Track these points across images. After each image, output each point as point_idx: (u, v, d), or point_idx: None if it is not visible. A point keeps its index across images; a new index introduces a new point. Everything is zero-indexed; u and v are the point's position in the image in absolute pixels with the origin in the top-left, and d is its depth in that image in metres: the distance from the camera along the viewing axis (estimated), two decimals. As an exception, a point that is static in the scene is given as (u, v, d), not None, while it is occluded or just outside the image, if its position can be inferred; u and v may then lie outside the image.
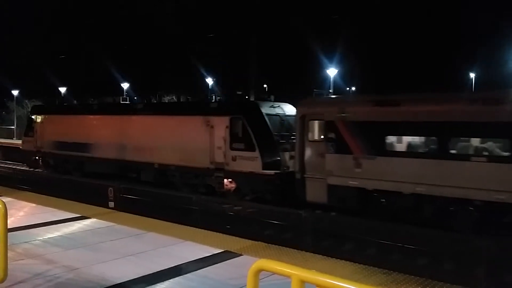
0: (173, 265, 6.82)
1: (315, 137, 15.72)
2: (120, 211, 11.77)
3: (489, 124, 12.23)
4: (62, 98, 47.14)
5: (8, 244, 5.88)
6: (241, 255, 7.45)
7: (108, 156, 22.62)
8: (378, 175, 13.97)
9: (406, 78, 47.32)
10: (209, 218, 14.81)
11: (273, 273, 3.68)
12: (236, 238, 8.80)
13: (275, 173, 16.56)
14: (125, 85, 51.50)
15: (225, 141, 17.88)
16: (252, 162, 16.96)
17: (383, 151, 14.05)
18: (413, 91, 22.43)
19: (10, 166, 31.22)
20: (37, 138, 27.47)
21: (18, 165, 31.11)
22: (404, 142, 14.31)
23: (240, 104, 19.77)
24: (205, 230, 9.41)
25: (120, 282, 6.10)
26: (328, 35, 43.14)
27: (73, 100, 43.81)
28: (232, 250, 7.69)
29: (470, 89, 44.63)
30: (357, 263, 7.29)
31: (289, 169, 16.65)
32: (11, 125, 50.92)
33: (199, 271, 6.60)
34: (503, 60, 44.40)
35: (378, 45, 51.46)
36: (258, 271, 3.67)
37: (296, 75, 49.62)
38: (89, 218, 10.09)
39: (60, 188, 17.98)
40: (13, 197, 12.27)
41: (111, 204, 15.92)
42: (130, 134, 21.92)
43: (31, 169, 28.11)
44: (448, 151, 13.03)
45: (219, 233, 9.06)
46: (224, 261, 7.11)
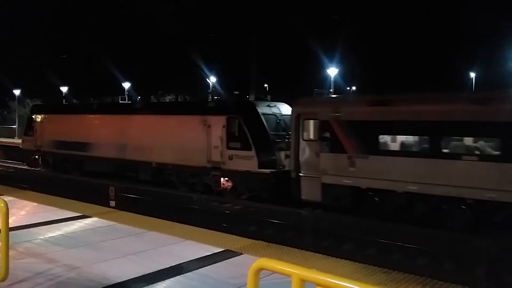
0: (174, 264, 6.84)
1: (310, 137, 15.86)
2: (121, 210, 11.78)
3: (480, 123, 12.41)
4: (64, 98, 47.22)
5: (10, 243, 5.91)
6: (241, 254, 7.47)
7: (106, 155, 22.71)
8: (371, 174, 14.13)
9: (406, 78, 47.31)
10: (209, 217, 14.84)
11: (274, 272, 3.69)
12: (236, 237, 8.82)
13: (270, 172, 16.72)
14: (126, 85, 51.51)
15: (221, 140, 18.02)
16: (248, 161, 17.11)
17: (376, 150, 14.22)
18: (413, 91, 22.48)
19: (11, 165, 31.27)
20: (36, 137, 27.56)
21: (20, 164, 31.17)
22: (397, 141, 14.46)
23: (236, 103, 19.88)
24: (206, 229, 9.45)
25: (121, 281, 6.12)
26: (328, 35, 43.09)
27: (74, 100, 43.88)
28: (232, 249, 7.71)
29: (470, 89, 44.67)
30: (357, 262, 7.31)
31: (285, 168, 16.81)
32: (13, 125, 50.98)
33: (199, 270, 6.63)
34: (504, 60, 44.37)
35: (378, 45, 51.39)
36: (259, 270, 3.69)
37: (297, 74, 49.56)
38: (90, 217, 10.12)
39: (61, 187, 17.97)
40: (15, 196, 12.30)
41: (112, 203, 15.95)
42: (128, 134, 22.02)
43: (31, 168, 28.20)
44: (440, 150, 13.18)
45: (219, 232, 9.08)
46: (224, 260, 7.13)
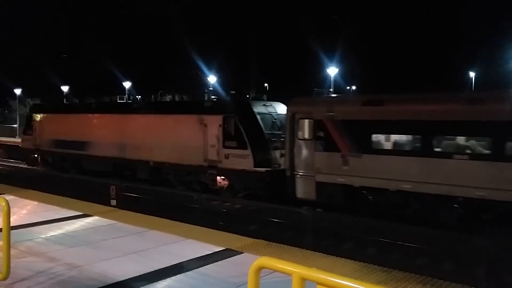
0: (175, 263, 6.86)
1: (304, 136, 15.97)
2: (122, 209, 11.80)
3: (471, 123, 12.55)
4: (65, 97, 47.20)
5: (11, 241, 5.94)
6: (242, 253, 7.49)
7: (105, 154, 22.84)
8: (364, 173, 14.26)
9: (406, 78, 47.31)
10: (210, 216, 14.86)
11: (274, 271, 3.71)
12: (237, 236, 8.84)
13: (266, 170, 16.85)
14: (127, 84, 51.51)
15: (218, 139, 18.16)
16: (244, 160, 17.23)
17: (369, 149, 14.34)
18: (412, 90, 22.58)
19: (12, 164, 31.29)
20: (35, 136, 27.67)
21: (21, 163, 31.19)
22: (390, 141, 14.58)
23: (233, 103, 20.01)
24: (206, 228, 9.47)
25: (121, 279, 6.14)
26: (328, 35, 43.12)
27: (75, 99, 43.87)
28: (233, 248, 7.73)
29: (470, 88, 44.62)
30: (357, 261, 7.33)
31: (280, 167, 16.94)
32: (14, 124, 51.02)
33: (200, 269, 6.64)
34: (503, 59, 44.38)
35: (378, 45, 51.42)
36: (259, 269, 3.70)
37: (297, 74, 49.60)
38: (91, 216, 10.14)
39: (62, 186, 17.98)
40: (16, 195, 12.32)
41: (113, 202, 15.97)
42: (126, 133, 22.13)
43: (31, 167, 28.27)
44: (432, 149, 13.29)
45: (220, 231, 9.10)
46: (225, 259, 7.15)
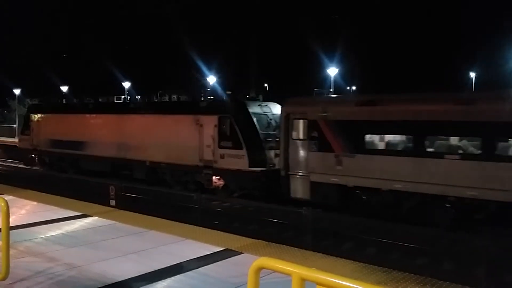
0: (174, 263, 6.85)
1: (299, 136, 16.06)
2: (121, 209, 11.79)
3: (462, 123, 12.66)
4: (64, 97, 47.17)
5: (10, 242, 5.92)
6: (241, 253, 7.48)
7: (102, 154, 22.95)
8: (357, 173, 14.36)
9: (407, 78, 47.35)
10: (209, 217, 14.85)
11: (274, 271, 3.70)
12: (236, 236, 8.83)
13: (261, 170, 16.98)
14: (127, 84, 51.50)
15: (213, 139, 18.26)
16: (239, 160, 17.34)
17: (362, 149, 14.45)
18: (412, 90, 22.65)
19: (12, 164, 31.28)
20: (33, 136, 27.75)
21: (20, 163, 31.18)
22: (382, 141, 14.71)
23: (228, 103, 20.14)
24: (206, 228, 9.47)
25: (121, 280, 6.13)
26: (328, 35, 43.15)
27: (74, 99, 43.87)
28: (232, 248, 7.72)
29: (470, 88, 44.63)
30: (357, 262, 7.32)
31: (275, 167, 17.05)
32: (13, 124, 50.99)
33: (200, 269, 6.63)
34: (504, 59, 44.37)
35: (378, 45, 51.46)
36: (259, 269, 3.69)
37: (297, 74, 49.64)
38: (91, 216, 10.13)
39: (62, 187, 17.98)
40: (15, 195, 12.31)
41: (113, 202, 15.97)
42: (123, 133, 22.24)
43: (29, 167, 28.33)
44: (424, 149, 13.39)
45: (219, 231, 9.09)
46: (224, 259, 7.14)
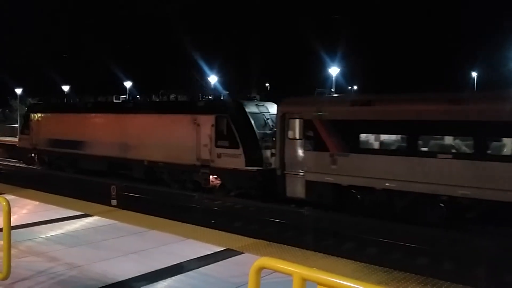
0: (175, 263, 6.84)
1: (294, 135, 16.15)
2: (123, 209, 11.78)
3: (455, 122, 12.75)
4: (66, 97, 47.22)
5: (11, 241, 5.92)
6: (242, 253, 7.47)
7: (100, 154, 23.05)
8: (352, 172, 14.45)
9: (408, 78, 47.29)
10: (210, 216, 14.87)
11: (275, 271, 3.70)
12: (237, 236, 8.82)
13: (257, 169, 17.09)
14: (128, 84, 51.52)
15: (210, 139, 18.37)
16: (236, 159, 17.44)
17: (357, 148, 14.55)
18: (413, 90, 22.71)
19: (13, 164, 31.31)
20: (32, 135, 27.86)
21: (21, 162, 31.22)
22: (376, 140, 14.80)
23: (225, 103, 20.24)
24: (207, 228, 9.44)
25: (122, 279, 6.13)
26: (330, 35, 43.12)
27: (76, 99, 43.94)
28: (233, 248, 7.70)
29: (472, 88, 44.58)
30: (358, 262, 7.31)
31: (271, 166, 17.13)
32: (15, 123, 51.04)
33: (200, 269, 6.63)
34: (506, 59, 44.30)
35: (379, 45, 51.41)
36: (260, 269, 3.69)
37: (298, 74, 49.60)
38: (92, 216, 10.12)
39: (63, 186, 18.01)
40: (16, 195, 12.30)
41: (114, 202, 16.00)
42: (121, 132, 22.32)
43: (30, 166, 28.43)
44: (416, 148, 13.48)
45: (220, 231, 9.07)
46: (225, 259, 7.13)
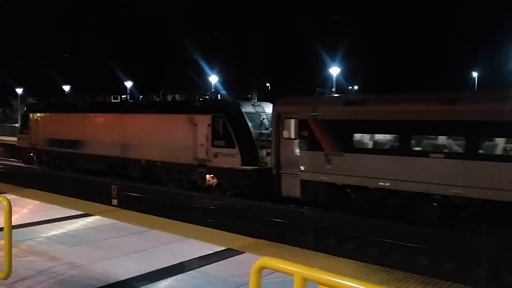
0: (176, 263, 6.84)
1: (289, 135, 16.25)
2: (123, 208, 11.78)
3: (447, 122, 12.85)
4: (66, 96, 47.27)
5: (12, 241, 5.92)
6: (243, 252, 7.47)
7: (98, 153, 23.17)
8: (346, 171, 14.58)
9: (409, 77, 47.28)
10: (211, 216, 14.89)
11: (276, 271, 3.70)
12: (238, 235, 8.81)
13: (253, 169, 17.20)
14: (129, 84, 51.56)
15: (207, 138, 18.48)
16: (232, 159, 17.56)
17: (351, 148, 14.67)
18: (413, 90, 22.76)
19: (14, 163, 31.34)
20: (31, 135, 27.98)
21: (21, 162, 31.26)
22: (370, 140, 14.91)
23: (221, 103, 20.35)
24: (207, 228, 9.45)
25: (123, 279, 6.13)
26: (330, 34, 43.09)
27: (77, 99, 44.00)
28: (234, 248, 7.70)
29: (472, 88, 44.55)
30: (358, 261, 7.31)
31: (267, 165, 17.24)
32: (16, 123, 51.11)
33: (201, 268, 6.63)
34: (507, 59, 44.26)
35: (380, 45, 51.40)
36: (261, 269, 3.69)
37: (299, 74, 49.59)
38: (93, 215, 10.13)
39: (64, 186, 18.03)
40: (17, 195, 12.31)
41: (114, 201, 16.03)
42: (119, 132, 22.44)
43: (30, 166, 28.54)
44: (409, 148, 13.59)
45: (221, 231, 9.06)
46: (226, 258, 7.13)
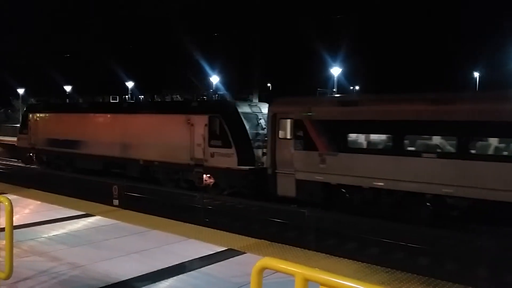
0: (177, 263, 6.85)
1: (285, 135, 16.36)
2: (124, 209, 11.78)
3: (439, 122, 12.92)
4: (68, 97, 47.29)
5: (14, 241, 5.92)
6: (244, 253, 7.47)
7: (97, 153, 23.25)
8: (340, 171, 14.67)
9: (410, 77, 47.26)
10: (212, 216, 14.88)
11: (277, 271, 3.69)
12: (239, 236, 8.81)
13: (249, 168, 17.29)
14: (130, 84, 51.57)
15: (204, 138, 18.58)
16: (228, 159, 17.65)
17: (345, 148, 14.76)
18: (414, 90, 22.79)
19: (15, 164, 31.37)
20: (31, 135, 28.10)
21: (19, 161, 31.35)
22: (364, 140, 14.99)
23: (218, 103, 20.43)
24: (209, 228, 9.45)
25: (124, 279, 6.13)
26: (332, 35, 43.09)
27: (78, 99, 44.04)
28: (235, 248, 7.70)
29: (474, 88, 44.50)
30: (360, 262, 7.31)
31: (263, 165, 17.32)
32: (17, 123, 51.16)
33: (202, 268, 6.63)
34: (507, 59, 44.18)
35: (382, 45, 51.39)
36: (262, 269, 3.68)
37: (300, 74, 49.61)
38: (94, 215, 10.14)
39: (65, 186, 18.04)
40: (19, 195, 12.33)
41: (116, 202, 16.03)
42: (117, 132, 22.53)
43: (31, 166, 28.62)
44: (402, 148, 13.65)
45: (222, 231, 9.06)
46: (227, 259, 7.13)
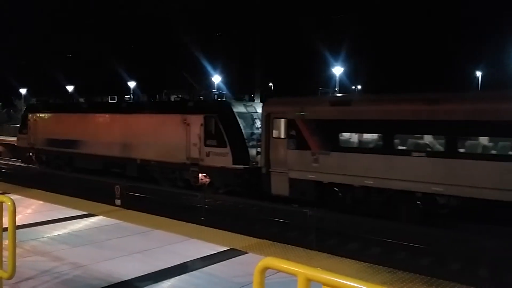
0: (179, 263, 6.85)
1: (278, 134, 16.48)
2: (127, 208, 11.80)
3: (429, 122, 13.03)
4: (70, 97, 47.35)
5: (16, 241, 5.93)
6: (246, 253, 7.47)
7: (95, 153, 23.42)
8: (332, 169, 14.83)
9: (412, 77, 47.22)
10: (214, 216, 14.90)
11: (279, 271, 3.69)
12: (241, 236, 8.82)
13: (244, 167, 17.43)
14: (132, 84, 51.62)
15: (199, 138, 18.74)
16: (223, 158, 17.81)
17: (337, 147, 14.91)
18: (414, 90, 22.84)
19: (17, 164, 31.45)
20: (30, 135, 28.26)
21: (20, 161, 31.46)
22: (355, 139, 15.13)
23: (213, 103, 20.52)
24: (211, 228, 9.46)
25: (126, 279, 6.14)
26: (334, 34, 43.10)
27: (80, 99, 44.09)
28: (237, 248, 7.71)
29: (476, 88, 44.42)
30: (362, 262, 7.31)
31: (258, 164, 17.44)
32: (19, 123, 51.21)
33: (204, 268, 6.63)
34: (508, 59, 44.08)
35: (383, 44, 51.37)
36: (264, 269, 3.67)
37: (302, 74, 49.62)
38: (96, 215, 10.15)
39: (67, 186, 18.08)
40: (21, 195, 12.35)
41: (118, 201, 16.06)
42: (115, 132, 22.69)
43: (26, 165, 28.79)
44: (393, 147, 13.79)
45: (224, 231, 9.07)
46: (229, 258, 7.13)
